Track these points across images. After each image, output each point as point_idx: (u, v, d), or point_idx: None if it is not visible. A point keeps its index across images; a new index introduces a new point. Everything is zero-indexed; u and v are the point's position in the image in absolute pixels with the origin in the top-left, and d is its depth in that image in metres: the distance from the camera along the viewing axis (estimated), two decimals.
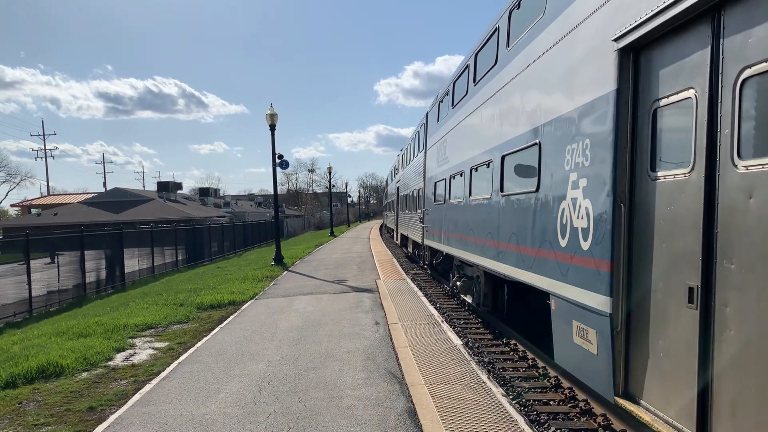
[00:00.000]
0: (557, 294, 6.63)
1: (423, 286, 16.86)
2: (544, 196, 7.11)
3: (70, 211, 53.11)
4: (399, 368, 7.74)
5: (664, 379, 4.67)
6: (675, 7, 4.25)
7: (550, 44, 7.04)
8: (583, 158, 5.96)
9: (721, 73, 4.05)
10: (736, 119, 3.86)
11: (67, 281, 18.24)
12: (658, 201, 4.80)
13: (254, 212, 78.03)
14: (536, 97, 7.60)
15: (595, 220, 5.60)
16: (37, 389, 7.70)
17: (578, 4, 6.20)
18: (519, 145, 8.22)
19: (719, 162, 4.03)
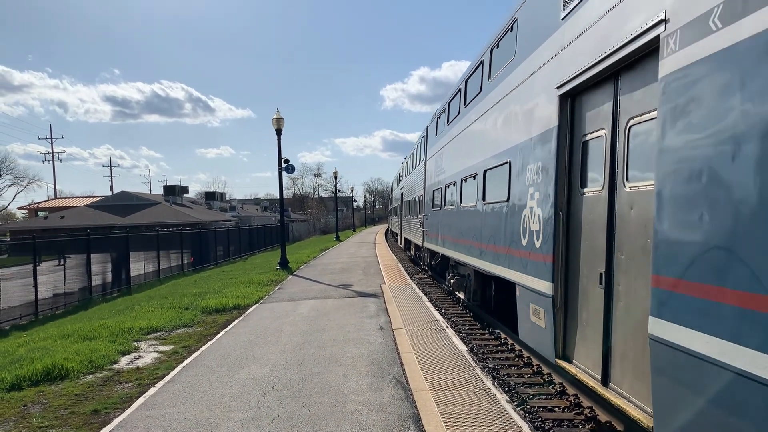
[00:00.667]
0: (520, 283, 8.29)
1: (428, 291, 16.83)
2: (512, 205, 8.72)
3: (77, 214, 53.35)
4: (403, 374, 7.72)
5: (585, 341, 6.32)
6: (592, 70, 5.89)
7: (518, 82, 8.64)
8: (536, 176, 7.56)
9: (618, 120, 5.66)
10: (625, 154, 5.50)
11: (73, 284, 18.32)
12: (584, 210, 6.40)
13: (260, 216, 78.17)
14: (509, 124, 9.16)
15: (544, 225, 7.20)
16: (42, 392, 7.71)
17: (536, 54, 7.85)
18: (496, 163, 9.79)
19: (617, 183, 5.62)
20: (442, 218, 15.98)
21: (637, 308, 5.13)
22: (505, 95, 9.36)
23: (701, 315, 3.98)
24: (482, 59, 11.39)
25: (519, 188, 8.37)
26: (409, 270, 22.96)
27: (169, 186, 63.40)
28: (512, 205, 8.71)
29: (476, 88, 11.91)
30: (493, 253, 9.91)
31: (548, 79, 7.25)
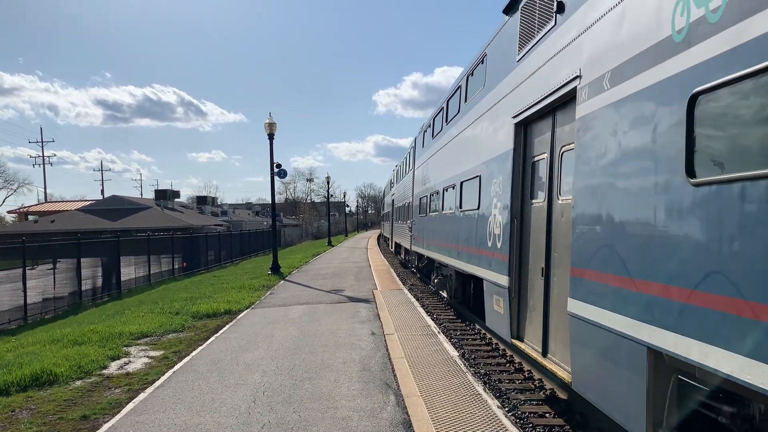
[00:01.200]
0: (487, 278, 9.79)
1: (420, 297, 16.84)
2: (482, 213, 10.21)
3: (68, 218, 52.98)
4: (395, 379, 7.72)
5: (532, 323, 7.75)
6: (537, 105, 7.35)
7: (487, 108, 10.19)
8: (499, 189, 9.02)
9: (554, 147, 7.10)
10: (558, 174, 6.89)
11: (62, 288, 18.21)
12: (532, 218, 7.86)
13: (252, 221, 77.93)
14: (479, 143, 10.74)
15: (503, 229, 8.66)
16: (30, 397, 7.65)
17: (499, 86, 9.34)
18: (470, 176, 11.28)
19: (553, 197, 7.05)
20: (427, 224, 17.52)
21: (563, 294, 6.36)
22: (477, 118, 10.94)
23: (595, 294, 5.48)
24: (460, 84, 13.02)
25: (486, 198, 9.88)
26: (401, 275, 22.95)
27: (160, 190, 63.11)
28: (481, 212, 10.24)
29: (455, 108, 13.52)
30: (467, 254, 11.44)
31: (507, 109, 8.75)
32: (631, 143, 4.95)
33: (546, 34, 7.27)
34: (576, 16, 6.34)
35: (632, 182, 4.94)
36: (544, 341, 7.22)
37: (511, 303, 8.32)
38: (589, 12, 6.01)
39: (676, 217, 4.34)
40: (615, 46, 5.36)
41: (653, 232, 4.58)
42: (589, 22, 6.00)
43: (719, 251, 3.84)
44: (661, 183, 4.51)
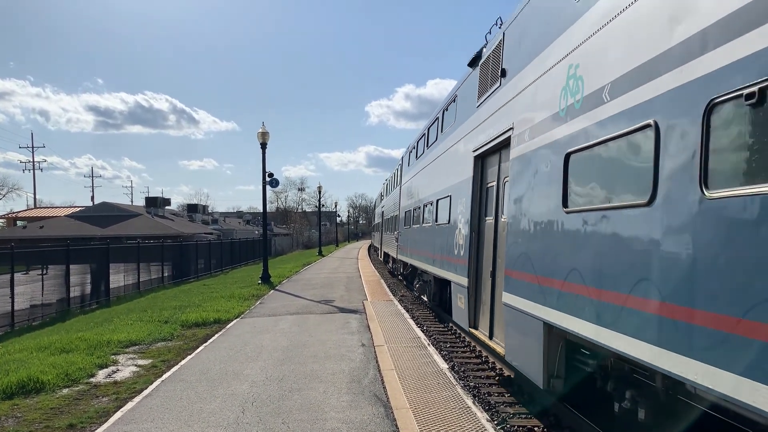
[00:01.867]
0: (453, 281, 11.88)
1: (410, 308, 16.83)
2: (451, 226, 12.11)
3: (57, 224, 52.65)
4: (384, 391, 7.71)
5: (484, 314, 9.74)
6: (488, 144, 9.28)
7: (456, 140, 12.18)
8: (463, 207, 11.04)
9: (500, 177, 9.00)
10: (502, 198, 8.79)
11: (51, 295, 18.04)
12: (485, 231, 9.86)
13: (242, 229, 77.68)
14: (450, 168, 12.76)
15: (465, 240, 10.68)
16: (16, 405, 7.58)
17: (465, 124, 11.39)
18: (443, 195, 13.26)
19: (499, 215, 9.00)
20: (410, 235, 19.56)
21: (502, 289, 8.25)
22: (450, 147, 12.97)
23: (517, 287, 7.52)
24: (438, 116, 15.29)
25: (455, 215, 11.85)
26: (391, 286, 22.94)
27: (151, 198, 62.88)
28: (451, 226, 12.12)
29: (434, 136, 15.67)
30: (441, 261, 13.38)
31: (470, 143, 10.77)
32: (536, 181, 7.04)
33: (494, 91, 9.32)
34: (512, 83, 8.38)
35: (536, 208, 7.06)
36: (490, 327, 9.39)
37: (469, 299, 10.45)
38: (518, 83, 8.04)
39: (557, 233, 6.35)
40: (532, 112, 7.37)
41: (545, 242, 6.68)
42: (519, 89, 8.00)
43: (578, 256, 5.77)
44: (551, 209, 6.49)
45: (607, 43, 5.48)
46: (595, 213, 5.47)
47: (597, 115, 5.49)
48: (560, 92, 6.35)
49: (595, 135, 5.50)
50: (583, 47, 5.95)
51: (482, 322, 9.87)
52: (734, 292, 3.64)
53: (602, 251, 5.31)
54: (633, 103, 4.90)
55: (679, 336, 4.16)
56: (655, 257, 4.49)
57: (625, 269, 4.92)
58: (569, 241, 5.95)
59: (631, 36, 5.04)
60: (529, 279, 7.08)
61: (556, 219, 6.31)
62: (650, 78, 4.65)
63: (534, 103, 7.28)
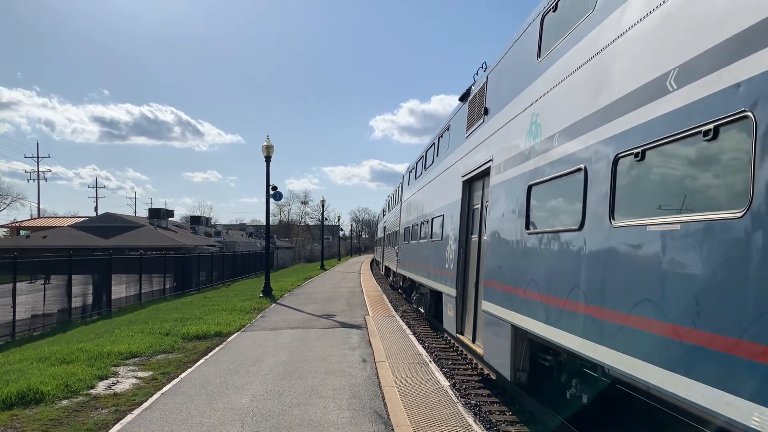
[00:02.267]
0: (444, 292, 13.05)
1: (412, 324, 16.78)
2: (444, 242, 13.36)
3: (60, 234, 52.75)
4: (385, 408, 7.66)
5: (468, 321, 10.97)
6: (474, 171, 10.57)
7: (449, 165, 13.53)
8: (453, 226, 12.36)
9: (483, 200, 10.15)
10: (485, 219, 9.82)
11: (52, 305, 18.03)
12: (471, 248, 11.13)
13: (245, 242, 77.76)
14: (444, 190, 14.06)
15: (455, 255, 11.87)
16: (15, 416, 7.56)
17: (456, 151, 12.75)
18: (437, 214, 14.64)
19: (482, 234, 10.02)
20: (409, 250, 20.79)
21: (482, 299, 9.49)
22: (444, 170, 14.22)
23: (493, 296, 8.75)
24: (434, 141, 16.73)
25: (446, 232, 13.11)
26: (393, 302, 22.88)
27: (154, 209, 63.04)
28: (444, 242, 13.34)
29: (431, 159, 17.08)
30: (435, 275, 14.52)
31: (460, 169, 12.07)
32: (506, 207, 8.43)
33: (479, 126, 10.74)
34: (492, 121, 9.76)
35: (507, 228, 8.35)
36: (473, 332, 10.64)
37: (456, 308, 11.67)
38: (497, 121, 9.40)
39: (521, 249, 7.69)
40: (506, 147, 8.73)
41: (513, 257, 8.02)
42: (497, 127, 9.35)
43: (535, 268, 7.13)
44: (518, 230, 7.87)
45: (558, 99, 6.77)
46: (547, 234, 6.85)
47: (549, 156, 6.84)
48: (526, 134, 7.77)
49: (548, 172, 6.85)
50: (542, 99, 7.28)
51: (467, 328, 11.18)
52: (627, 293, 4.95)
53: (550, 265, 6.67)
54: (572, 150, 6.21)
55: (595, 329, 5.44)
56: (583, 270, 5.79)
57: (564, 279, 6.20)
58: (529, 256, 7.37)
59: (573, 97, 6.32)
60: (501, 288, 8.44)
61: (521, 239, 7.73)
62: (582, 133, 5.98)
63: (508, 140, 8.72)
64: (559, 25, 7.03)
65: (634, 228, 4.87)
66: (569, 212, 6.27)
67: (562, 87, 6.59)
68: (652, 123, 4.71)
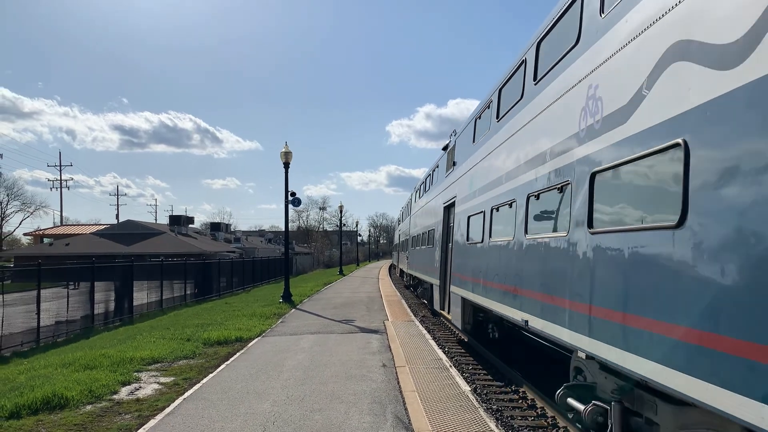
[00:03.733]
0: (433, 283, 18.74)
1: (431, 329, 16.73)
2: (434, 248, 18.70)
3: (82, 241, 53.49)
4: (406, 413, 7.64)
5: (445, 301, 15.94)
6: (448, 202, 16.02)
7: (437, 194, 18.85)
8: (438, 237, 17.79)
9: (452, 220, 15.14)
10: (453, 233, 14.98)
11: (75, 312, 18.26)
12: (447, 252, 15.84)
13: (264, 248, 78.16)
14: (434, 212, 19.49)
15: (438, 257, 17.25)
16: (41, 420, 7.65)
17: (443, 184, 17.63)
18: (430, 228, 20.33)
19: (450, 241, 15.37)
20: (414, 254, 27.41)
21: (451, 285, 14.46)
22: (434, 197, 19.89)
23: (456, 281, 13.85)
24: (430, 172, 22.58)
25: (435, 241, 18.73)
26: (412, 307, 22.83)
27: (174, 216, 63.64)
28: (434, 249, 18.92)
29: (429, 185, 22.60)
30: (429, 272, 20.34)
31: (441, 199, 17.66)
32: (460, 227, 13.42)
33: (451, 172, 16.11)
34: (457, 170, 14.96)
35: (459, 240, 13.56)
36: (448, 307, 15.39)
37: (439, 292, 17.07)
38: (458, 172, 14.71)
39: (465, 253, 12.77)
40: (460, 191, 13.96)
41: (463, 257, 12.96)
42: (458, 176, 14.61)
43: (472, 264, 11.88)
44: (464, 241, 12.79)
45: (480, 171, 11.78)
46: (475, 245, 11.69)
47: (475, 201, 11.99)
48: (468, 186, 13.12)
49: (474, 210, 11.99)
50: (474, 168, 12.52)
51: (444, 305, 16.29)
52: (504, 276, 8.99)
53: (477, 261, 11.48)
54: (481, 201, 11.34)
55: (497, 296, 9.62)
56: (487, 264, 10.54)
57: (483, 268, 10.85)
58: (468, 256, 12.47)
59: (485, 172, 11.32)
60: (458, 276, 13.72)
61: (465, 246, 12.89)
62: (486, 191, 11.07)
63: (461, 187, 14.13)
64: (481, 128, 12.29)
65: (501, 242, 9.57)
66: (480, 232, 11.21)
67: (482, 165, 11.69)
68: (533, 182, 7.86)
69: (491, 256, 10.05)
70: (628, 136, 5.12)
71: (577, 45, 6.49)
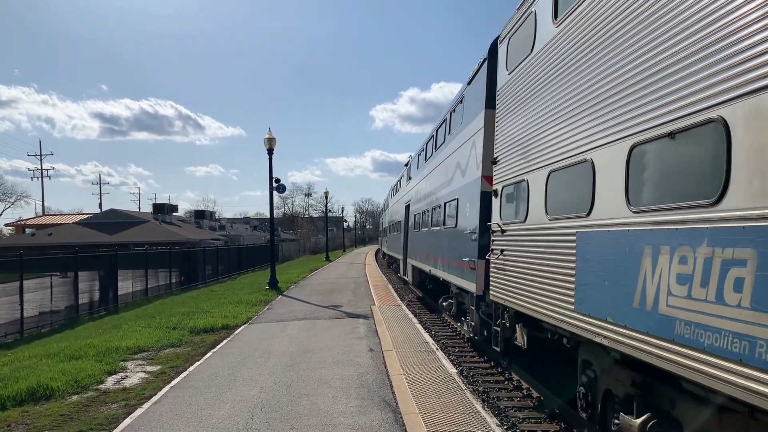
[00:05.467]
0: (399, 258, 28.97)
1: (418, 313, 16.81)
2: (400, 234, 27.57)
3: (65, 231, 52.92)
4: (393, 396, 7.69)
5: (406, 269, 25.02)
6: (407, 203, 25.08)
7: (402, 195, 28.55)
8: (403, 226, 25.92)
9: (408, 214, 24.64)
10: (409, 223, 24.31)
11: (59, 302, 18.08)
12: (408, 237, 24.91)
13: (250, 235, 77.85)
14: (401, 208, 27.66)
15: (402, 241, 26.46)
16: (26, 412, 7.61)
17: (403, 190, 27.96)
18: (398, 220, 29.71)
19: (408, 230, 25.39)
20: (389, 239, 38.06)
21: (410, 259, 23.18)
22: (401, 197, 28.16)
23: (410, 254, 23.30)
24: (400, 176, 31.01)
25: (401, 229, 26.21)
26: (399, 291, 22.94)
27: (158, 204, 63.05)
28: (400, 234, 27.15)
29: (398, 188, 31.74)
30: (397, 250, 29.32)
31: (405, 199, 25.82)
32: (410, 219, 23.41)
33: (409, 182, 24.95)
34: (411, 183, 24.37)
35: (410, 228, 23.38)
36: (406, 272, 24.43)
37: (403, 263, 25.55)
38: (409, 185, 24.77)
39: (411, 236, 22.67)
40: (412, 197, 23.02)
41: (412, 240, 22.67)
42: (409, 189, 24.79)
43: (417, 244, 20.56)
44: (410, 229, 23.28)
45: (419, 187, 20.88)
46: (418, 230, 20.15)
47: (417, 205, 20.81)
48: (413, 194, 22.25)
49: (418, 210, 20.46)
50: (417, 185, 21.54)
51: (406, 272, 24.42)
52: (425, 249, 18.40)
53: (417, 242, 20.26)
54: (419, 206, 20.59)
55: (430, 263, 16.67)
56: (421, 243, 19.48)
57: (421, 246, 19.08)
58: (413, 238, 21.65)
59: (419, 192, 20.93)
60: (411, 251, 22.50)
61: (411, 233, 22.52)
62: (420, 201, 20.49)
63: (412, 194, 22.74)
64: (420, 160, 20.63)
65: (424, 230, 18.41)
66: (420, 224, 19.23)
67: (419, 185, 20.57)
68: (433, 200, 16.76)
69: (421, 239, 19.36)
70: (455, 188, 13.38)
71: (445, 141, 15.26)
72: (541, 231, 7.12)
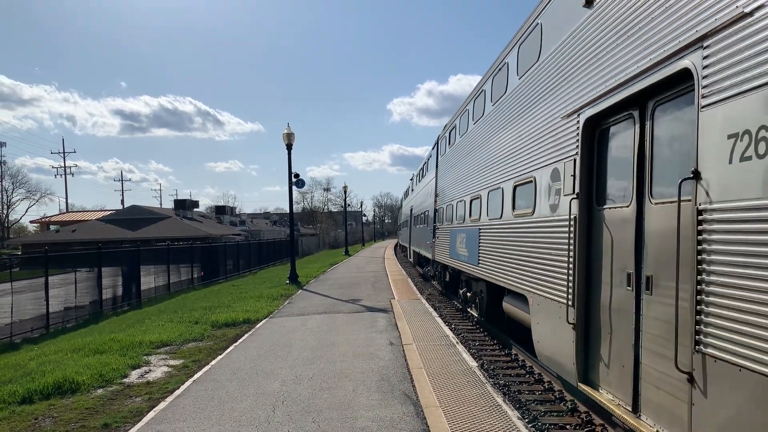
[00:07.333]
0: (407, 246, 41.32)
1: (438, 306, 16.79)
2: (409, 228, 37.11)
3: (88, 228, 53.68)
4: (414, 389, 7.69)
5: (411, 254, 37.68)
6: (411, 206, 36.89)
7: (408, 201, 40.30)
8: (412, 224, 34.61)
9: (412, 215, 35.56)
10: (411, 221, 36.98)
11: (83, 297, 18.38)
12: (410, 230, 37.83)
13: (269, 230, 78.39)
14: (407, 210, 40.95)
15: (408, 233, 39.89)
16: (53, 405, 7.74)
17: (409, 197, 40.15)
18: (406, 218, 40.53)
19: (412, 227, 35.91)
20: (406, 232, 41.54)
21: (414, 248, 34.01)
22: (407, 202, 40.06)
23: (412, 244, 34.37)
24: (412, 178, 37.47)
25: (410, 225, 35.36)
26: (418, 285, 22.92)
27: (179, 200, 63.75)
28: (409, 229, 37.21)
29: (409, 192, 39.14)
30: (408, 241, 38.83)
31: (410, 204, 36.33)
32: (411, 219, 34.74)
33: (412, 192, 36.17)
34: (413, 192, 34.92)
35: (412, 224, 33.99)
36: (413, 257, 35.57)
37: (410, 251, 37.45)
38: (412, 193, 35.07)
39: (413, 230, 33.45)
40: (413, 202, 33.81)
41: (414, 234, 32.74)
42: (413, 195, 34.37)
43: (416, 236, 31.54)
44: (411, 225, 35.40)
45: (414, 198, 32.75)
46: (413, 227, 32.70)
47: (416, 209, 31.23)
48: (412, 200, 34.45)
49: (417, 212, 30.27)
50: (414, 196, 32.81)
51: (412, 257, 36.05)
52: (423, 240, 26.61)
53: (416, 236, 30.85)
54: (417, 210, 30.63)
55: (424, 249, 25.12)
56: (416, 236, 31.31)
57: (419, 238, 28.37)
58: (414, 233, 32.33)
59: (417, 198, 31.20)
60: (412, 242, 33.99)
61: (411, 228, 34.75)
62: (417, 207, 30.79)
63: (413, 200, 33.92)
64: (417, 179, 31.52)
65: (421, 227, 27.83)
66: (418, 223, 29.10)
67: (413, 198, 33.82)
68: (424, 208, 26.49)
69: (419, 233, 27.73)
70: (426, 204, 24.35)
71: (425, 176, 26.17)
72: (451, 228, 16.37)
